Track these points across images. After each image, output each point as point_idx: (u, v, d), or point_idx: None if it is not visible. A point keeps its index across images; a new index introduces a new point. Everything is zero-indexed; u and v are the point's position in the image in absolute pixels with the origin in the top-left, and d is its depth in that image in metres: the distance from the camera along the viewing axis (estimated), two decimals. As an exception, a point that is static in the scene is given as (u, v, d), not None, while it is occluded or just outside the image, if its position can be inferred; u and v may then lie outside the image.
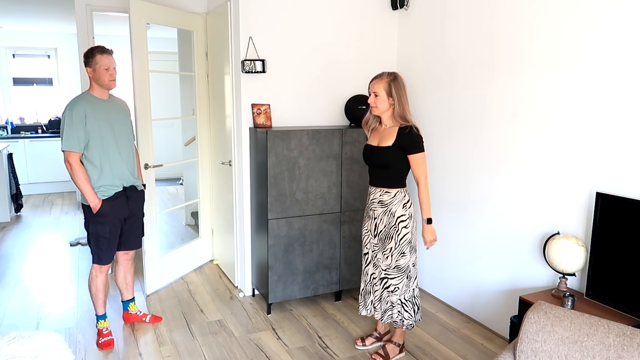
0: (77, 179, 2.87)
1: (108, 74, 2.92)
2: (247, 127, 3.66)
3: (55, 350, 2.17)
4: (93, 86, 2.96)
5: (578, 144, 2.66)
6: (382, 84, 2.69)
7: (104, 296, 3.17)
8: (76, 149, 2.85)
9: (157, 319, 3.44)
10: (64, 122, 2.83)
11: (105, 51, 2.94)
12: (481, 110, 3.27)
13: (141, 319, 3.41)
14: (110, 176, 2.98)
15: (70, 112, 2.83)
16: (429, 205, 2.75)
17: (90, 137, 2.88)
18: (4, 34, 7.69)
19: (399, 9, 3.93)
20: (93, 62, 2.90)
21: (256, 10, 3.52)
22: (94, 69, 2.90)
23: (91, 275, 3.12)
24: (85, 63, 2.94)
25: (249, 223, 3.79)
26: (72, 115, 2.82)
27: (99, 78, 2.91)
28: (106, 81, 2.93)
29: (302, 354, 3.03)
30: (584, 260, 2.55)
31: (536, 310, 1.85)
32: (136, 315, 3.41)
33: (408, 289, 2.85)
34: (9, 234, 5.57)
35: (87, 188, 2.88)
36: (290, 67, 3.70)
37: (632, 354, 1.60)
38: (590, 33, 2.55)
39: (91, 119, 2.87)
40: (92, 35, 4.02)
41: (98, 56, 2.90)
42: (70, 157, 2.84)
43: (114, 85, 2.98)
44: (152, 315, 3.45)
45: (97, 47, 2.95)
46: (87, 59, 2.92)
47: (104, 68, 2.90)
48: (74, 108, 2.84)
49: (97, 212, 2.94)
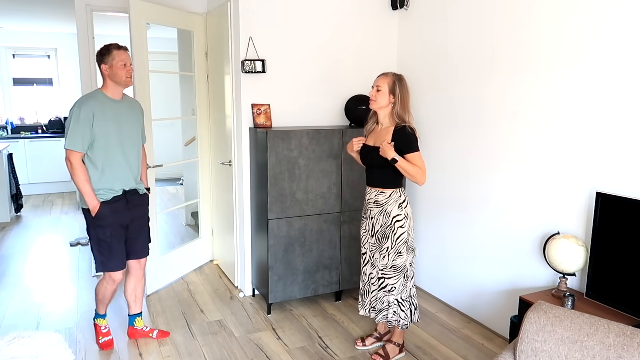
0: (78, 179, 2.77)
1: (125, 70, 2.82)
2: (247, 127, 3.66)
3: (55, 350, 2.17)
4: (107, 84, 2.85)
5: (578, 144, 2.66)
6: (387, 79, 2.71)
7: (109, 301, 3.10)
8: (79, 148, 2.75)
9: (165, 334, 3.24)
10: (71, 119, 2.73)
11: (122, 47, 2.84)
12: (481, 110, 3.27)
13: (148, 335, 3.22)
14: (110, 180, 2.87)
15: (78, 109, 2.73)
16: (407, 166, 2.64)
17: (95, 138, 2.78)
18: (4, 34, 7.69)
19: (399, 9, 3.93)
20: (110, 58, 2.79)
21: (256, 10, 3.52)
22: (111, 64, 2.79)
23: (102, 282, 3.00)
24: (100, 61, 2.83)
25: (249, 223, 3.79)
26: (80, 114, 2.73)
27: (116, 74, 2.80)
28: (123, 77, 2.82)
29: (302, 354, 3.03)
30: (584, 260, 2.55)
31: (536, 310, 1.85)
32: (142, 331, 3.22)
33: (405, 288, 2.85)
34: (9, 234, 5.57)
35: (87, 189, 2.79)
36: (290, 67, 3.70)
37: (632, 354, 1.60)
38: (590, 33, 2.55)
39: (99, 119, 2.77)
40: (92, 35, 4.02)
41: (115, 52, 2.80)
42: (72, 156, 2.75)
43: (130, 83, 2.88)
44: (159, 330, 3.25)
45: (112, 43, 2.85)
46: (102, 56, 2.82)
47: (121, 64, 2.80)
48: (83, 106, 2.74)
49: (96, 215, 2.83)
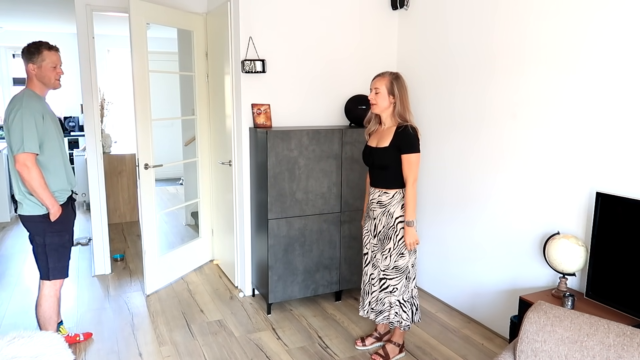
0: (37, 183, 2.56)
1: (55, 73, 2.68)
2: (247, 127, 3.66)
3: (55, 350, 2.17)
4: (35, 84, 2.68)
5: (578, 144, 2.66)
6: (384, 81, 2.70)
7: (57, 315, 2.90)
8: (36, 150, 2.57)
9: (89, 335, 3.18)
10: (21, 122, 2.52)
11: (53, 47, 2.69)
12: (481, 110, 3.27)
13: (75, 339, 3.11)
14: (63, 181, 2.75)
15: (27, 110, 2.55)
16: (413, 208, 2.68)
17: (44, 139, 2.62)
18: (4, 34, 7.69)
19: (399, 9, 3.93)
20: (39, 59, 2.63)
21: (256, 10, 3.52)
22: (40, 65, 2.64)
23: (48, 297, 2.78)
24: (27, 59, 2.65)
25: (249, 223, 3.78)
26: (31, 114, 2.55)
27: (45, 76, 2.66)
28: (52, 80, 2.69)
29: (302, 354, 3.03)
30: (584, 260, 2.55)
31: (536, 310, 1.85)
32: (68, 337, 3.07)
33: (407, 289, 2.85)
34: (9, 234, 5.57)
35: (48, 193, 2.61)
36: (290, 67, 3.69)
37: (632, 354, 1.60)
38: (592, 33, 2.55)
39: (46, 119, 2.64)
40: (92, 35, 4.01)
41: (45, 52, 2.65)
42: (30, 159, 2.54)
43: (59, 85, 2.74)
44: (83, 333, 3.17)
45: (43, 42, 2.68)
46: (31, 55, 2.63)
47: (51, 66, 2.66)
48: (30, 106, 2.57)
49: (57, 219, 2.68)
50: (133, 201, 6.09)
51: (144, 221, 3.78)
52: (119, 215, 6.08)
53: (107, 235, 4.32)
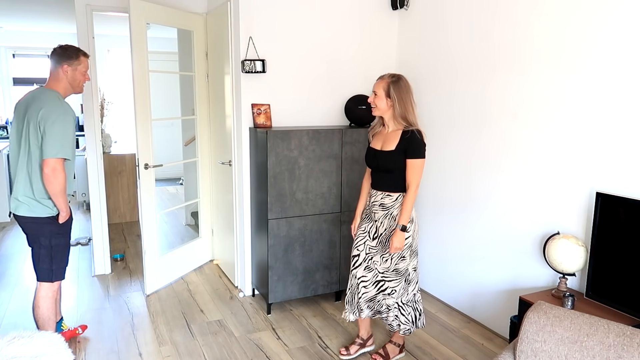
0: (62, 188, 2.62)
1: (84, 78, 2.80)
2: (247, 127, 3.66)
3: (55, 350, 2.17)
4: (61, 86, 2.74)
5: (578, 144, 2.66)
6: (382, 83, 2.69)
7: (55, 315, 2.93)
8: (70, 155, 2.67)
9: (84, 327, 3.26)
10: (63, 128, 2.60)
11: (87, 55, 2.83)
12: (482, 110, 3.27)
13: (75, 332, 3.19)
14: (71, 182, 2.81)
15: (69, 117, 2.64)
16: (409, 214, 2.65)
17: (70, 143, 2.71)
18: (4, 34, 7.69)
19: (399, 9, 3.93)
20: (76, 62, 2.74)
21: (256, 10, 3.52)
22: (75, 68, 2.74)
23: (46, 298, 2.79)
24: (64, 60, 2.71)
25: (249, 223, 3.79)
26: (72, 121, 2.65)
27: (76, 79, 2.76)
28: (80, 84, 2.80)
29: (302, 354, 3.03)
30: (584, 260, 2.55)
31: (536, 310, 1.85)
32: (69, 331, 3.16)
33: (406, 292, 2.83)
34: (9, 234, 5.56)
35: (65, 197, 2.68)
36: (290, 67, 3.69)
37: (632, 354, 1.60)
38: (592, 34, 2.55)
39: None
40: (92, 35, 4.01)
41: (82, 58, 2.77)
42: (61, 163, 2.60)
43: (83, 91, 2.87)
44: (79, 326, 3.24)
45: (80, 49, 2.80)
46: (69, 58, 2.72)
47: (83, 71, 2.78)
48: (71, 112, 2.66)
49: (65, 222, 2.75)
50: (133, 201, 6.09)
51: (144, 221, 3.78)
52: (119, 215, 6.08)
53: (107, 235, 4.32)
